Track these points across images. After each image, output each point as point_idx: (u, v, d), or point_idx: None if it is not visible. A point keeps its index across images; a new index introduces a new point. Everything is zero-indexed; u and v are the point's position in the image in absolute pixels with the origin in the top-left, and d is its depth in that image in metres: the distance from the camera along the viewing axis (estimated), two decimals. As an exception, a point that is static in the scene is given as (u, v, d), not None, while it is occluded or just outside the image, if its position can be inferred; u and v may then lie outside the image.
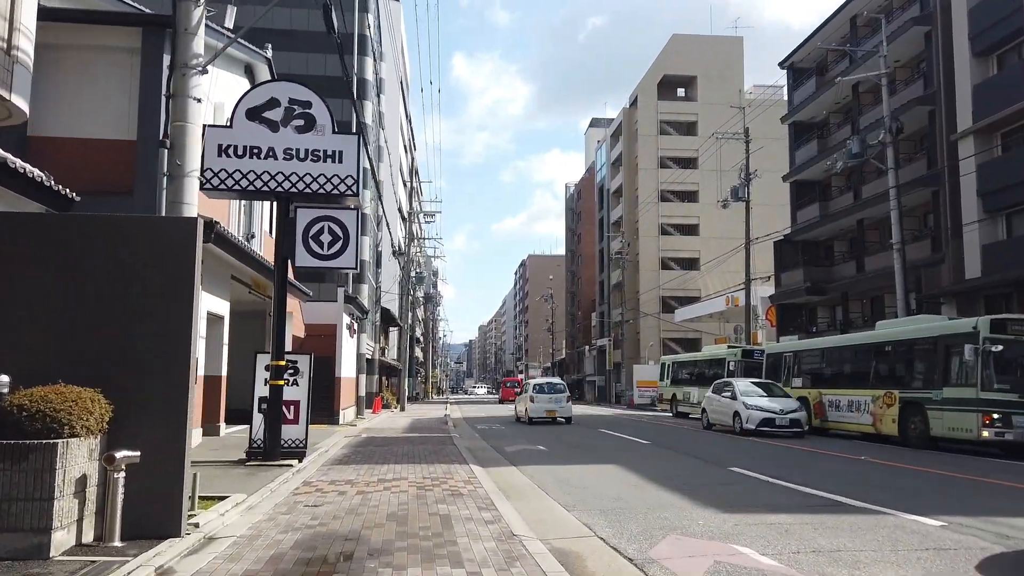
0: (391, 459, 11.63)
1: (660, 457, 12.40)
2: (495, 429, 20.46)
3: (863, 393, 16.48)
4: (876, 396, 15.87)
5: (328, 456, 12.26)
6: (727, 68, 59.88)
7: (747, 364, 24.74)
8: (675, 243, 59.12)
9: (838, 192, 31.92)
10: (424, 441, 15.34)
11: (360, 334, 26.59)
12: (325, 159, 10.93)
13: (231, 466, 10.34)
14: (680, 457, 12.40)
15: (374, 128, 33.39)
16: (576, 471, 10.43)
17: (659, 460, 11.93)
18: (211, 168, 10.63)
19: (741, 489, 8.66)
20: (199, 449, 12.61)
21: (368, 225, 32.43)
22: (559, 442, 15.62)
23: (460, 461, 11.29)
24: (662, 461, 11.78)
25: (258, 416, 11.01)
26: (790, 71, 35.24)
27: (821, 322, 32.34)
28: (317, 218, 11.08)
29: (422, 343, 79.35)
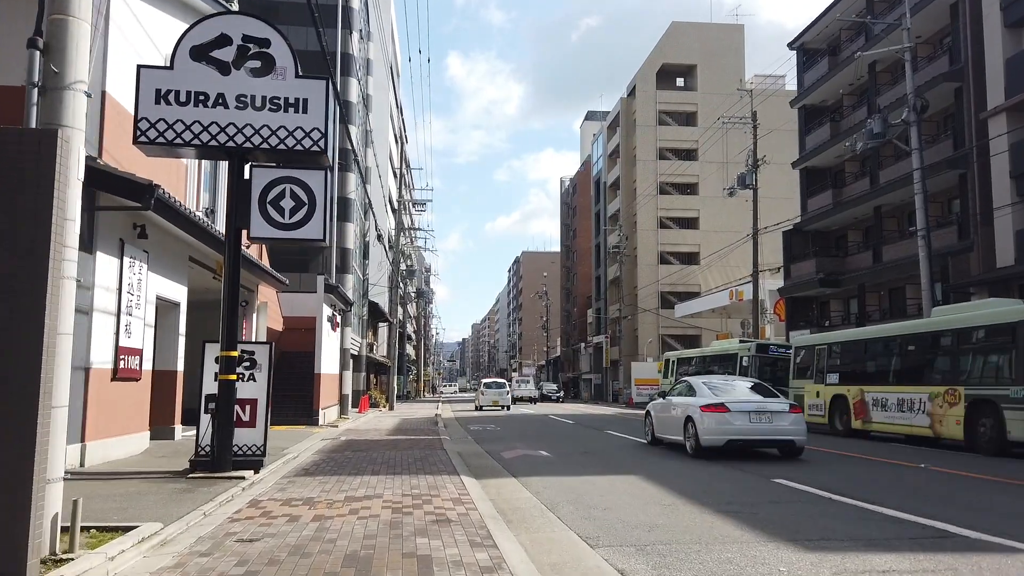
0: (368, 469, 9.77)
1: (684, 465, 10.57)
2: (489, 431, 18.62)
3: (917, 390, 14.32)
4: (935, 393, 13.76)
5: (294, 465, 10.38)
6: (728, 57, 58.18)
7: (762, 360, 22.95)
8: (674, 237, 57.38)
9: (852, 178, 30.18)
10: (410, 445, 13.49)
11: (344, 328, 24.69)
12: (286, 108, 9.06)
13: (168, 479, 8.46)
14: (706, 464, 10.57)
15: (361, 111, 31.47)
16: (590, 484, 8.58)
17: (683, 469, 10.11)
18: (147, 118, 8.77)
19: (805, 510, 6.85)
20: (142, 457, 10.73)
21: (354, 212, 30.54)
22: (563, 446, 13.77)
23: (450, 471, 9.44)
24: (688, 470, 9.96)
25: (205, 418, 9.13)
26: (800, 52, 33.48)
27: (835, 315, 30.62)
28: (277, 179, 9.21)
29: (414, 340, 77.38)
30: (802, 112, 33.44)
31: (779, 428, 11.46)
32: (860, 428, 16.35)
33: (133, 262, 10.56)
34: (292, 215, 9.16)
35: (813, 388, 18.55)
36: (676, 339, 54.74)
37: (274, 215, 9.14)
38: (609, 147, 65.21)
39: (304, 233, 9.17)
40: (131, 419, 10.90)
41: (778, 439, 11.56)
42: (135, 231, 10.63)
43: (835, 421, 17.33)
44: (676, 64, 59.03)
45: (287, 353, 22.66)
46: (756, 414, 11.50)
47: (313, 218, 9.18)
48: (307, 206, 9.18)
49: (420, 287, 68.33)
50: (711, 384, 12.92)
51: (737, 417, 11.42)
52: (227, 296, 9.10)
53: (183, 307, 13.19)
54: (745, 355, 23.16)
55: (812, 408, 18.37)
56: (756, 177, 31.35)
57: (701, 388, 12.71)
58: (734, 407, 11.55)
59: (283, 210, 9.15)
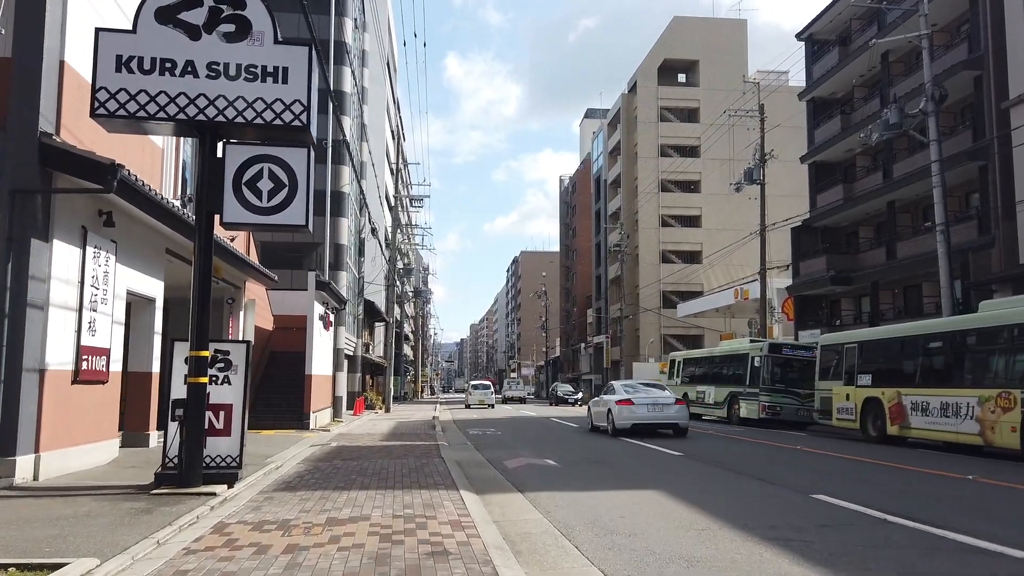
0: (356, 482, 8.77)
1: (708, 477, 9.56)
2: (489, 435, 17.62)
3: (965, 393, 13.05)
4: (986, 397, 12.52)
5: (275, 477, 9.37)
6: (730, 52, 57.21)
7: (775, 361, 21.95)
8: (676, 235, 56.41)
9: (864, 172, 29.20)
10: (405, 452, 12.49)
11: (338, 327, 23.68)
12: (264, 78, 8.08)
13: (128, 496, 7.46)
14: (734, 477, 9.57)
15: (355, 103, 30.45)
16: (607, 502, 7.58)
17: (710, 482, 9.10)
18: (106, 87, 7.78)
19: (865, 537, 5.86)
20: (108, 468, 9.72)
21: (348, 207, 29.51)
22: (570, 453, 12.76)
23: (448, 484, 8.44)
24: (715, 484, 8.95)
25: (173, 426, 8.12)
26: (808, 43, 32.51)
27: (846, 315, 29.63)
28: (254, 158, 8.22)
29: (412, 341, 76.37)
30: (811, 105, 32.48)
31: (668, 415, 16.50)
32: (896, 434, 15.06)
33: (98, 252, 9.55)
34: (271, 198, 8.17)
35: (842, 390, 17.29)
36: (678, 339, 53.77)
37: (250, 198, 8.14)
38: (609, 144, 64.22)
39: (284, 218, 8.17)
40: (96, 426, 9.88)
41: (668, 423, 16.57)
42: (100, 218, 9.63)
43: (868, 426, 16.06)
44: (678, 59, 58.08)
45: (277, 353, 21.66)
46: (652, 406, 16.56)
47: (294, 201, 8.19)
48: (287, 188, 8.19)
49: (418, 286, 67.31)
50: (625, 386, 18.12)
51: (639, 408, 16.49)
52: (197, 289, 8.09)
53: (159, 303, 12.18)
54: (757, 355, 22.16)
55: (841, 412, 17.18)
56: (763, 172, 30.40)
57: (619, 389, 17.79)
58: (637, 401, 16.61)
59: (260, 192, 8.16)
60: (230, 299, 17.40)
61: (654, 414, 16.45)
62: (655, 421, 16.47)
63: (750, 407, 22.06)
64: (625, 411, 16.45)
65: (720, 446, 14.41)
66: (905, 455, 12.81)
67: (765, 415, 21.35)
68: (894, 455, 12.76)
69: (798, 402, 21.34)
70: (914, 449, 14.20)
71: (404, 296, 57.56)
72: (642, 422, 16.39)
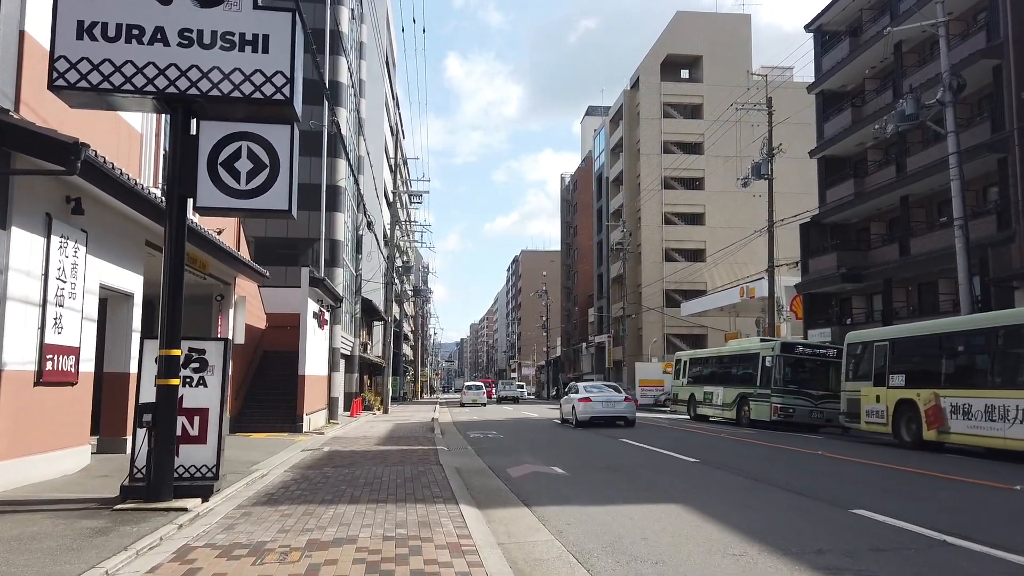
0: (346, 494, 7.97)
1: (732, 488, 8.75)
2: (491, 439, 16.82)
3: (1014, 395, 11.99)
4: None
5: (258, 487, 8.57)
6: (734, 48, 56.38)
7: (787, 360, 21.11)
8: (679, 233, 55.60)
9: (876, 167, 28.39)
10: (402, 458, 11.69)
11: (334, 325, 22.86)
12: (242, 46, 7.28)
13: (88, 512, 6.66)
14: (760, 488, 8.76)
15: (352, 96, 29.64)
16: (625, 519, 6.77)
17: (735, 494, 8.29)
18: (66, 56, 6.98)
19: (924, 561, 5.06)
20: (76, 477, 8.92)
21: (344, 202, 28.71)
22: (578, 460, 11.95)
23: (447, 497, 7.65)
24: (741, 496, 8.15)
25: (141, 433, 7.32)
26: (817, 34, 31.70)
27: (857, 312, 28.81)
28: (231, 136, 7.42)
29: (411, 340, 75.58)
30: (820, 98, 31.67)
31: (619, 410, 20.59)
32: (934, 439, 13.93)
33: (65, 242, 8.74)
34: (250, 180, 7.36)
35: (872, 392, 16.19)
36: (682, 339, 52.98)
37: (227, 180, 7.34)
38: (611, 141, 63.42)
39: (265, 202, 7.37)
40: (64, 431, 9.08)
41: (618, 416, 20.49)
42: (68, 205, 8.82)
43: (901, 430, 15.01)
44: (681, 55, 57.27)
45: (270, 353, 20.88)
46: (606, 403, 20.74)
47: (276, 184, 7.39)
48: (268, 169, 7.39)
49: (417, 285, 66.51)
50: (587, 387, 22.46)
51: (596, 405, 20.54)
52: (168, 280, 7.29)
53: (138, 299, 11.36)
54: (768, 355, 21.34)
55: (871, 415, 16.11)
56: (772, 166, 29.61)
57: (581, 389, 21.97)
58: (595, 399, 20.73)
59: (238, 174, 7.36)
60: (219, 296, 16.61)
61: (607, 409, 20.63)
62: (608, 414, 20.60)
63: (761, 409, 21.25)
64: (586, 407, 20.65)
65: (736, 451, 13.60)
66: (942, 462, 11.93)
67: (777, 417, 20.54)
68: (930, 462, 11.88)
69: (811, 404, 20.54)
70: (952, 455, 13.31)
71: (403, 295, 56.76)
72: (599, 415, 20.55)
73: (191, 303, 17.81)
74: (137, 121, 11.42)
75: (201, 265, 14.35)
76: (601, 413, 20.42)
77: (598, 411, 20.38)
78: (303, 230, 27.56)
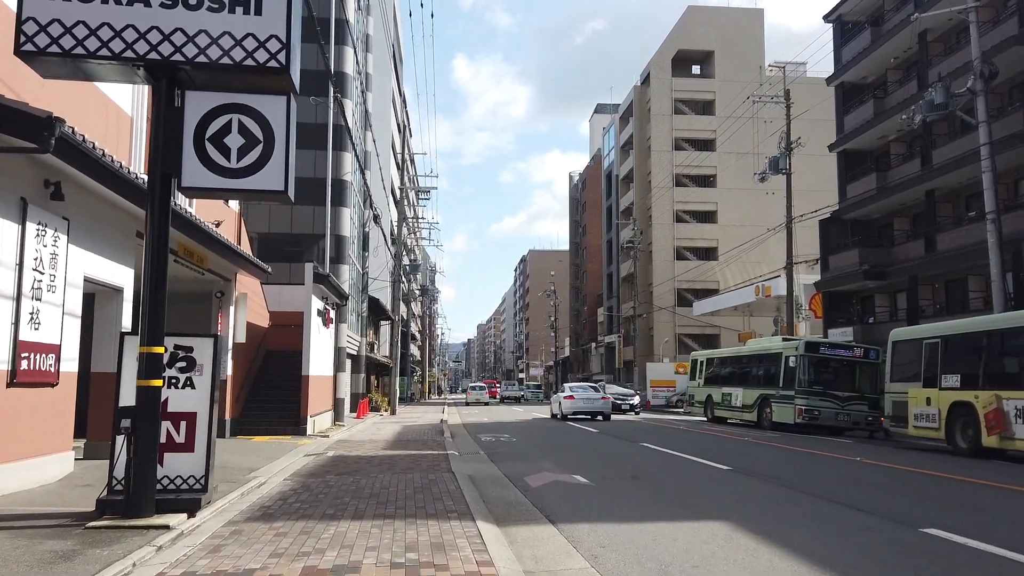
0: (349, 507, 7.18)
1: (778, 501, 7.91)
2: (504, 442, 16.01)
3: None
4: None
5: (253, 499, 7.78)
6: (746, 43, 55.46)
7: (812, 360, 20.22)
8: (691, 231, 54.67)
9: (899, 160, 27.46)
10: (410, 464, 10.90)
11: (340, 324, 22.12)
12: (232, 7, 6.51)
13: (58, 530, 5.89)
14: (807, 500, 7.92)
15: (358, 88, 28.89)
16: (667, 539, 5.95)
17: (782, 508, 7.46)
18: (35, 18, 6.23)
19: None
20: (55, 487, 8.16)
21: (350, 197, 27.94)
22: (600, 467, 11.13)
23: (461, 512, 6.85)
24: (790, 511, 7.31)
25: (120, 440, 6.55)
26: (837, 25, 30.77)
27: (880, 311, 27.89)
28: (220, 108, 6.63)
29: (419, 340, 74.86)
30: (839, 90, 30.74)
31: (596, 407, 24.91)
32: (995, 446, 12.80)
33: (43, 230, 7.99)
34: (241, 157, 6.57)
35: (921, 393, 15.05)
36: (694, 339, 52.06)
37: (216, 157, 6.55)
38: (621, 138, 62.54)
39: (258, 182, 6.58)
40: (43, 436, 8.32)
41: (596, 411, 24.91)
42: (47, 190, 8.06)
43: (956, 436, 13.88)
44: (692, 50, 56.35)
45: (273, 352, 20.13)
46: (586, 400, 25.10)
47: (271, 162, 6.60)
48: (262, 145, 6.60)
49: (425, 284, 65.78)
50: (571, 387, 27.22)
51: (578, 402, 24.91)
52: (151, 269, 6.53)
53: (128, 294, 10.59)
54: (792, 354, 20.44)
55: (920, 419, 14.91)
56: (790, 160, 28.72)
57: (567, 389, 26.82)
58: (577, 397, 25.17)
59: (229, 150, 6.57)
60: (219, 292, 15.87)
61: (587, 405, 25.16)
62: (587, 409, 25.09)
63: (784, 411, 20.38)
64: (570, 403, 25.12)
65: (768, 457, 12.76)
66: (1006, 472, 10.96)
67: (802, 420, 19.66)
68: (993, 472, 10.89)
69: (837, 406, 19.65)
70: (1016, 464, 12.25)
71: (411, 294, 56.06)
72: (580, 410, 25.05)
73: (190, 300, 17.11)
74: (127, 103, 10.68)
75: (199, 259, 13.60)
76: (581, 408, 24.96)
77: (579, 407, 24.95)
78: (308, 226, 26.84)
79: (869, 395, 19.93)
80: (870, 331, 26.53)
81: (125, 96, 10.62)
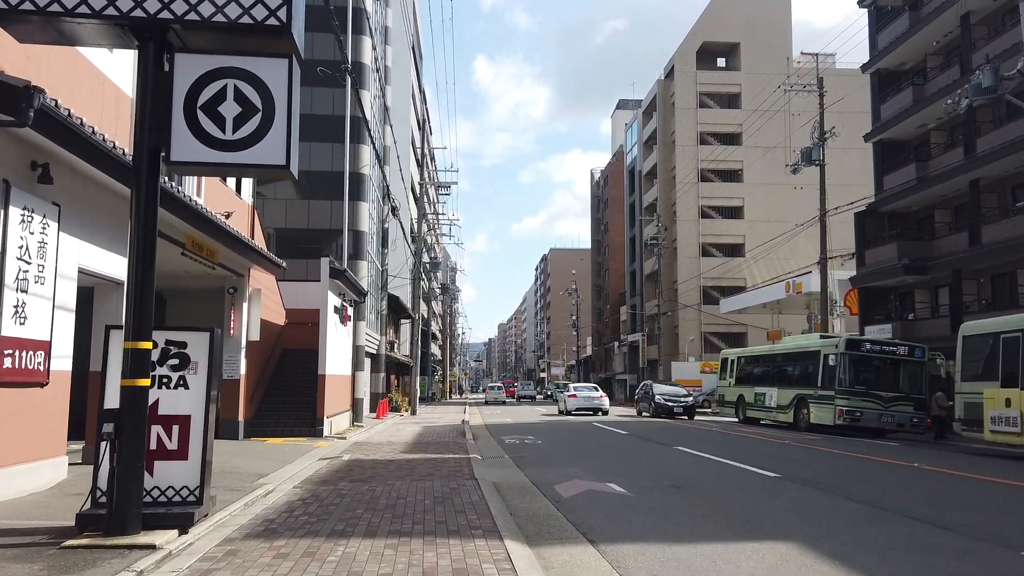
0: (361, 521, 6.41)
1: (846, 518, 7.01)
2: (528, 445, 15.20)
3: None
4: None
5: (257, 510, 7.04)
6: (773, 34, 54.09)
7: (853, 358, 19.18)
8: (717, 227, 53.43)
9: (940, 149, 26.23)
10: (431, 470, 10.13)
11: (358, 322, 21.42)
12: (227, -43, 5.74)
13: (31, 549, 5.19)
14: (884, 517, 7.02)
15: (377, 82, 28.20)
16: (731, 566, 5.11)
17: (856, 528, 6.57)
18: (5, -30, 5.49)
19: None
20: (44, 496, 7.48)
21: (368, 191, 27.28)
22: (635, 474, 10.27)
23: (487, 528, 6.05)
24: (866, 531, 6.42)
25: (104, 446, 5.83)
26: (872, 11, 29.53)
27: (920, 307, 26.67)
28: (214, 72, 5.88)
29: (439, 340, 74.24)
30: (875, 78, 29.50)
31: (595, 404, 29.03)
32: None
33: (29, 216, 7.31)
34: (238, 127, 5.83)
35: (999, 394, 13.87)
36: (720, 337, 50.84)
37: (209, 128, 5.81)
38: (645, 133, 61.42)
39: (256, 156, 5.81)
40: (31, 440, 7.65)
41: (595, 407, 28.90)
42: (34, 172, 7.40)
43: None
44: (717, 42, 55.12)
45: (289, 351, 19.50)
46: (586, 398, 29.27)
47: (271, 132, 5.84)
48: (261, 114, 5.84)
49: (445, 282, 65.11)
50: (575, 387, 32.31)
51: (580, 400, 29.05)
52: (138, 254, 5.81)
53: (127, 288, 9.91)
54: (831, 352, 19.39)
55: (998, 422, 13.71)
56: (823, 150, 27.62)
57: (570, 388, 32.04)
58: (579, 394, 29.58)
59: (223, 120, 5.83)
60: (231, 288, 15.24)
61: (587, 402, 29.32)
62: (587, 406, 29.17)
63: (823, 412, 19.36)
64: (572, 400, 29.50)
65: (815, 462, 11.82)
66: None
67: (842, 421, 18.63)
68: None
69: (881, 407, 18.60)
70: None
71: (431, 293, 55.38)
72: (581, 407, 29.16)
73: (201, 297, 16.50)
74: (127, 83, 10.01)
75: (209, 253, 12.96)
76: (582, 405, 29.12)
77: (580, 404, 29.15)
78: (325, 221, 26.20)
79: (914, 395, 18.86)
80: (910, 328, 25.36)
81: (125, 76, 9.95)
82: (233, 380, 15.16)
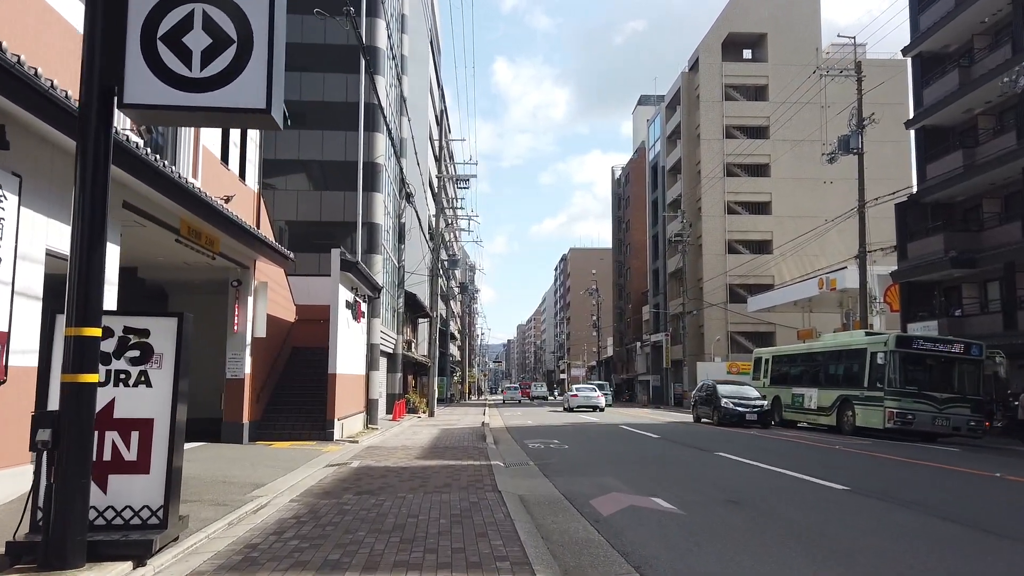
0: (362, 546, 5.27)
1: (947, 542, 5.78)
2: (553, 449, 14.02)
3: None
4: None
5: (241, 531, 5.92)
6: (801, 24, 52.48)
7: (904, 356, 17.77)
8: (743, 223, 51.86)
9: (989, 135, 24.68)
10: (448, 479, 8.98)
11: (373, 318, 20.37)
12: None
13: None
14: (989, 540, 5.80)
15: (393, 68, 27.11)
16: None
17: (963, 555, 5.35)
18: None
19: None
20: (2, 511, 6.41)
21: (384, 183, 26.23)
22: (680, 485, 9.05)
23: (514, 558, 4.90)
24: (979, 561, 5.17)
25: (43, 460, 4.74)
26: (913, -11, 28.02)
27: (969, 303, 25.12)
28: (178, -5, 4.77)
29: (458, 340, 73.21)
30: (917, 62, 27.98)
31: (595, 401, 34.91)
32: None
33: (-20, 186, 6.27)
34: (207, 63, 4.71)
35: None
36: (747, 336, 49.32)
37: (172, 64, 4.70)
38: (668, 128, 59.96)
39: (230, 97, 4.70)
40: (-15, 448, 6.61)
41: (593, 405, 34.71)
42: (-14, 135, 6.36)
43: None
44: (744, 33, 53.55)
45: (300, 350, 18.49)
46: (586, 396, 35.29)
47: (247, 69, 4.72)
48: (236, 46, 4.73)
49: (464, 282, 64.05)
50: (577, 387, 39.02)
51: (581, 398, 35.15)
52: (83, 222, 4.70)
53: (112, 275, 8.88)
54: (879, 351, 17.99)
55: None
56: (862, 138, 26.18)
57: (573, 388, 39.88)
58: (580, 393, 35.93)
59: (190, 54, 4.71)
60: (235, 281, 14.23)
61: (586, 400, 34.37)
62: (586, 404, 34.25)
63: (870, 414, 17.98)
64: (574, 399, 34.87)
65: (881, 473, 10.52)
66: None
67: (892, 424, 17.25)
68: None
69: (935, 409, 17.19)
70: None
71: (450, 292, 54.35)
72: (581, 404, 34.29)
73: (203, 290, 15.51)
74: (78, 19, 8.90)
75: (208, 241, 11.94)
76: (582, 402, 34.27)
77: (581, 401, 34.39)
78: (338, 213, 25.20)
79: (971, 397, 17.44)
80: (957, 325, 23.84)
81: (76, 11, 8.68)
82: (237, 379, 14.16)
